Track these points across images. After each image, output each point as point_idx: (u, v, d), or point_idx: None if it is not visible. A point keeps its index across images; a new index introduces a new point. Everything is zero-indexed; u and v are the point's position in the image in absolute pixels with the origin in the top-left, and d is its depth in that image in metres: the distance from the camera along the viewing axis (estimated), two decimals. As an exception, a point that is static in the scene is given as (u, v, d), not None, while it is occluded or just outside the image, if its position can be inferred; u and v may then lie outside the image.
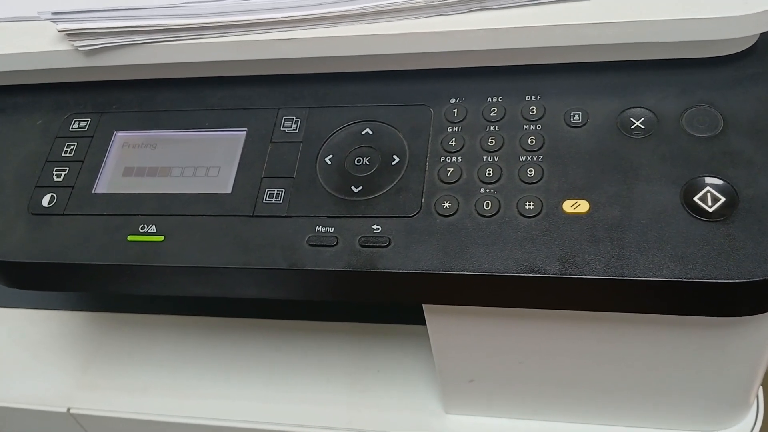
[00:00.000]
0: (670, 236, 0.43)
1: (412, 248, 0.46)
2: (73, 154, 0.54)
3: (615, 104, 0.48)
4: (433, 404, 0.63)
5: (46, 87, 0.57)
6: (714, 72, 0.47)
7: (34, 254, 0.51)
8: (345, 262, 0.46)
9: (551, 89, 0.49)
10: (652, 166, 0.45)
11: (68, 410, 0.67)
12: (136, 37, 0.51)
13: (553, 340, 0.51)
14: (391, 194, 0.48)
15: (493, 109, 0.49)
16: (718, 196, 0.43)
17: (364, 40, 0.49)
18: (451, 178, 0.47)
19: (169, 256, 0.48)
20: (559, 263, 0.43)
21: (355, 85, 0.52)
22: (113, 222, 0.51)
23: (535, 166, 0.46)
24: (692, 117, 0.46)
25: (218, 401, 0.66)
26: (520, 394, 0.58)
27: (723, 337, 0.48)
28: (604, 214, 0.44)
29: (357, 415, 0.63)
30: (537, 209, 0.45)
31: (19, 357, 0.72)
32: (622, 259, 0.42)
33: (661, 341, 0.50)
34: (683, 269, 0.42)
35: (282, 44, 0.50)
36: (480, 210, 0.46)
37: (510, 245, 0.44)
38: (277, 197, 0.49)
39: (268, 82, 0.54)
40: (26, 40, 0.54)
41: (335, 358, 0.67)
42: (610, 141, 0.46)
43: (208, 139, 0.53)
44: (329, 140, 0.51)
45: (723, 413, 0.57)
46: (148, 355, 0.70)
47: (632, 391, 0.55)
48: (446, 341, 0.54)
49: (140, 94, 0.56)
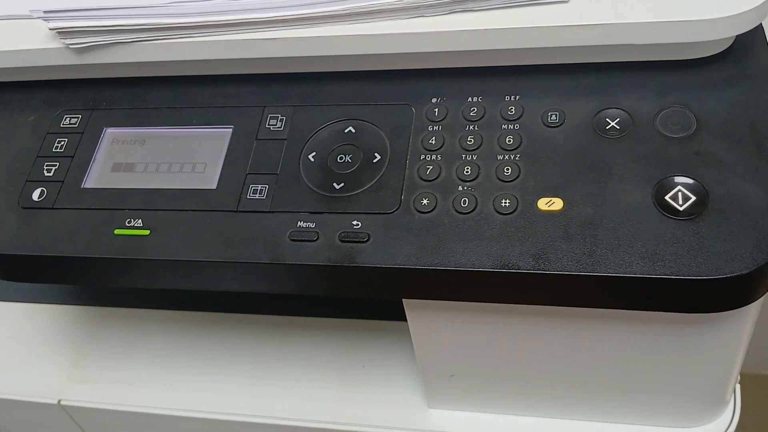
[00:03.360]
0: (641, 234, 0.43)
1: (390, 244, 0.47)
2: (64, 150, 0.55)
3: (591, 105, 0.48)
4: (416, 399, 0.64)
5: (37, 84, 0.58)
6: (689, 74, 0.48)
7: (24, 247, 0.52)
8: (325, 256, 0.47)
9: (530, 90, 0.50)
10: (625, 165, 0.46)
11: (59, 402, 0.68)
12: (125, 36, 0.52)
13: (530, 336, 0.52)
14: (371, 191, 0.49)
15: (473, 109, 0.50)
16: (689, 195, 0.44)
17: (347, 40, 0.50)
18: (431, 176, 0.48)
19: (155, 250, 0.49)
20: (533, 259, 0.44)
21: (339, 85, 0.53)
22: (101, 216, 0.52)
23: (512, 164, 0.47)
24: (666, 118, 0.47)
25: (207, 395, 0.67)
26: (501, 390, 0.59)
27: (696, 334, 0.49)
28: (577, 211, 0.45)
29: (342, 409, 0.64)
30: (513, 206, 0.46)
31: (10, 349, 0.73)
32: (593, 255, 0.43)
33: (636, 338, 0.51)
34: (653, 266, 0.42)
35: (268, 44, 0.51)
36: (457, 207, 0.47)
37: (486, 241, 0.45)
38: (260, 193, 0.50)
39: (254, 80, 0.55)
40: (18, 38, 0.55)
41: (322, 353, 0.68)
42: (586, 141, 0.47)
43: (195, 136, 0.54)
44: (313, 138, 0.52)
45: (700, 410, 0.58)
46: (139, 348, 0.71)
47: (609, 387, 0.56)
48: (426, 337, 0.55)
49: (130, 92, 0.57)
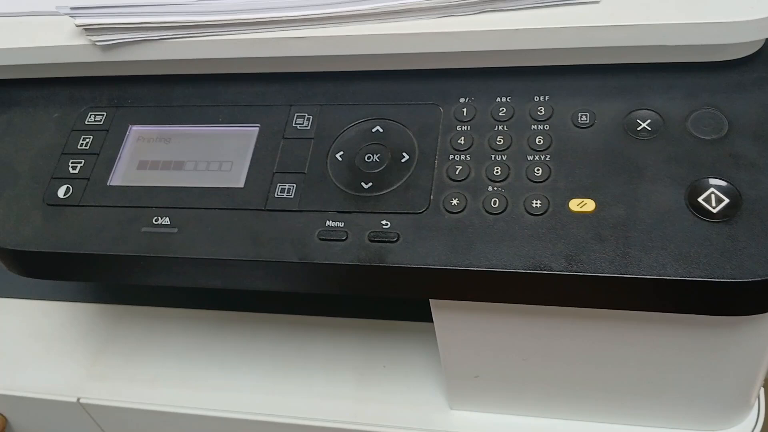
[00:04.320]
0: (674, 236, 0.43)
1: (420, 244, 0.46)
2: (89, 147, 0.55)
3: (622, 106, 0.48)
4: (438, 400, 0.63)
5: (62, 81, 0.58)
6: (720, 76, 0.48)
7: (50, 244, 0.52)
8: (354, 256, 0.47)
9: (559, 90, 0.50)
10: (657, 166, 0.46)
11: (78, 400, 0.68)
12: (152, 33, 0.52)
13: (557, 337, 0.52)
14: (400, 191, 0.49)
15: (502, 109, 0.50)
16: (722, 198, 0.44)
17: (376, 39, 0.50)
18: (460, 176, 0.48)
19: (182, 248, 0.49)
20: (565, 260, 0.44)
21: (367, 84, 0.53)
22: (127, 214, 0.52)
23: (543, 165, 0.47)
24: (698, 119, 0.47)
25: (226, 393, 0.67)
26: (524, 391, 0.59)
27: (725, 336, 0.49)
28: (609, 213, 0.45)
29: (363, 409, 0.64)
30: (544, 207, 0.46)
31: (30, 347, 0.73)
32: (626, 257, 0.43)
33: (664, 340, 0.50)
34: (687, 268, 0.42)
35: (296, 42, 0.51)
36: (487, 207, 0.47)
37: (517, 242, 0.45)
38: (288, 192, 0.50)
39: (280, 79, 0.55)
40: (44, 35, 0.55)
41: (342, 353, 0.68)
42: (617, 142, 0.47)
43: (221, 135, 0.54)
44: (340, 137, 0.52)
45: (724, 413, 0.58)
46: (158, 346, 0.71)
47: (634, 389, 0.56)
48: (452, 337, 0.55)
49: (155, 90, 0.57)
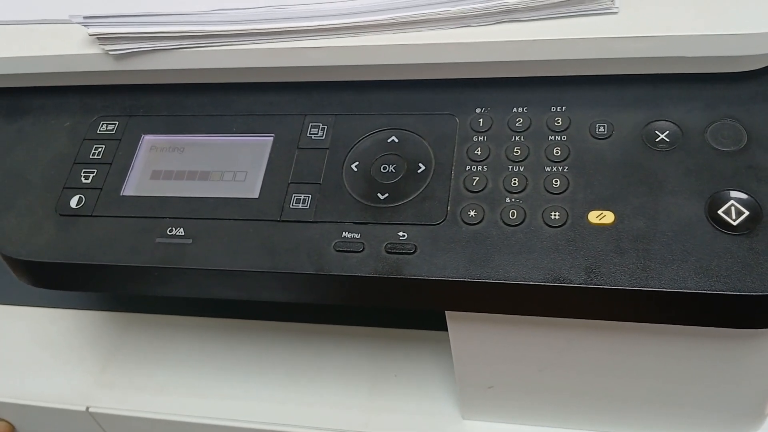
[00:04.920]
0: (694, 248, 0.43)
1: (438, 255, 0.46)
2: (101, 157, 0.55)
3: (640, 117, 0.48)
4: (450, 409, 0.63)
5: (74, 89, 0.58)
6: (738, 87, 0.48)
7: (63, 255, 0.51)
8: (371, 268, 0.47)
9: (576, 101, 0.50)
10: (676, 178, 0.45)
11: (87, 409, 0.68)
12: (166, 43, 0.52)
13: (573, 349, 0.52)
14: (416, 202, 0.48)
15: (519, 120, 0.50)
16: (742, 210, 0.44)
17: (392, 49, 0.49)
18: (477, 187, 0.48)
19: (197, 259, 0.49)
20: (585, 273, 0.44)
21: (382, 94, 0.53)
22: (141, 224, 0.51)
23: (561, 176, 0.47)
24: (716, 131, 0.47)
25: (236, 402, 0.66)
26: (538, 402, 0.58)
27: (743, 348, 0.49)
28: (629, 225, 0.44)
29: (374, 418, 0.64)
30: (562, 219, 0.46)
31: (38, 355, 0.73)
32: (647, 270, 0.43)
33: (681, 352, 0.50)
34: (708, 281, 0.42)
35: (311, 52, 0.50)
36: (505, 219, 0.46)
37: (536, 254, 0.45)
38: (303, 202, 0.50)
39: (294, 89, 0.55)
40: (57, 43, 0.55)
41: (353, 362, 0.67)
42: (635, 153, 0.47)
43: (235, 144, 0.54)
44: (355, 147, 0.51)
45: (739, 424, 0.58)
46: (167, 355, 0.71)
47: (649, 400, 0.56)
48: (467, 348, 0.54)
49: (168, 99, 0.56)
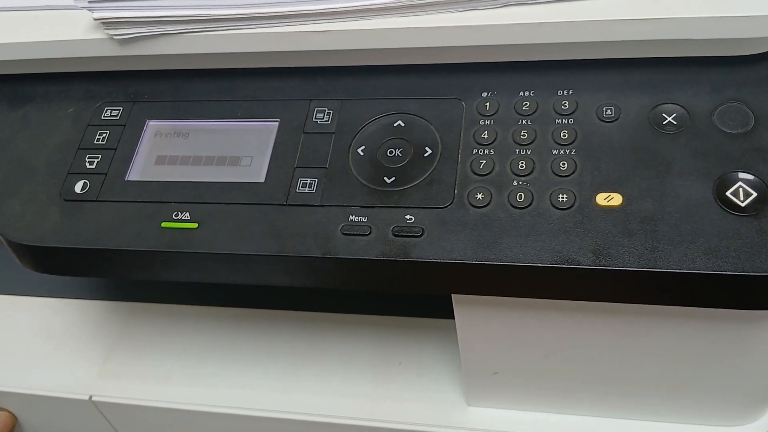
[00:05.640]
0: (702, 230, 0.43)
1: (445, 238, 0.46)
2: (106, 142, 0.55)
3: (647, 100, 0.48)
4: (455, 396, 0.63)
5: (78, 75, 0.58)
6: (745, 70, 0.48)
7: (68, 240, 0.51)
8: (379, 251, 0.46)
9: (583, 84, 0.49)
10: (684, 160, 0.45)
11: (90, 398, 0.68)
12: (171, 27, 0.52)
13: (580, 332, 0.52)
14: (423, 185, 0.48)
15: (525, 103, 0.50)
16: (750, 191, 0.44)
17: (398, 33, 0.49)
18: (484, 170, 0.48)
19: (204, 243, 0.49)
20: (593, 255, 0.44)
21: (388, 78, 0.53)
22: (147, 209, 0.51)
23: (568, 159, 0.47)
24: (723, 113, 0.47)
25: (240, 390, 0.66)
26: (543, 387, 0.58)
27: (749, 330, 0.49)
28: (637, 207, 0.44)
29: (379, 406, 0.63)
30: (570, 201, 0.45)
31: (41, 345, 0.73)
32: (655, 251, 0.43)
33: (688, 334, 0.50)
34: (716, 262, 0.42)
35: (317, 36, 0.50)
36: (513, 202, 0.46)
37: (543, 237, 0.45)
38: (310, 186, 0.50)
39: (299, 73, 0.54)
40: (61, 28, 0.54)
41: (357, 349, 0.67)
42: (643, 136, 0.47)
43: (240, 130, 0.53)
44: (361, 131, 0.51)
45: (742, 409, 0.58)
46: (170, 344, 0.71)
47: (654, 385, 0.56)
48: (473, 333, 0.54)
49: (172, 84, 0.56)
